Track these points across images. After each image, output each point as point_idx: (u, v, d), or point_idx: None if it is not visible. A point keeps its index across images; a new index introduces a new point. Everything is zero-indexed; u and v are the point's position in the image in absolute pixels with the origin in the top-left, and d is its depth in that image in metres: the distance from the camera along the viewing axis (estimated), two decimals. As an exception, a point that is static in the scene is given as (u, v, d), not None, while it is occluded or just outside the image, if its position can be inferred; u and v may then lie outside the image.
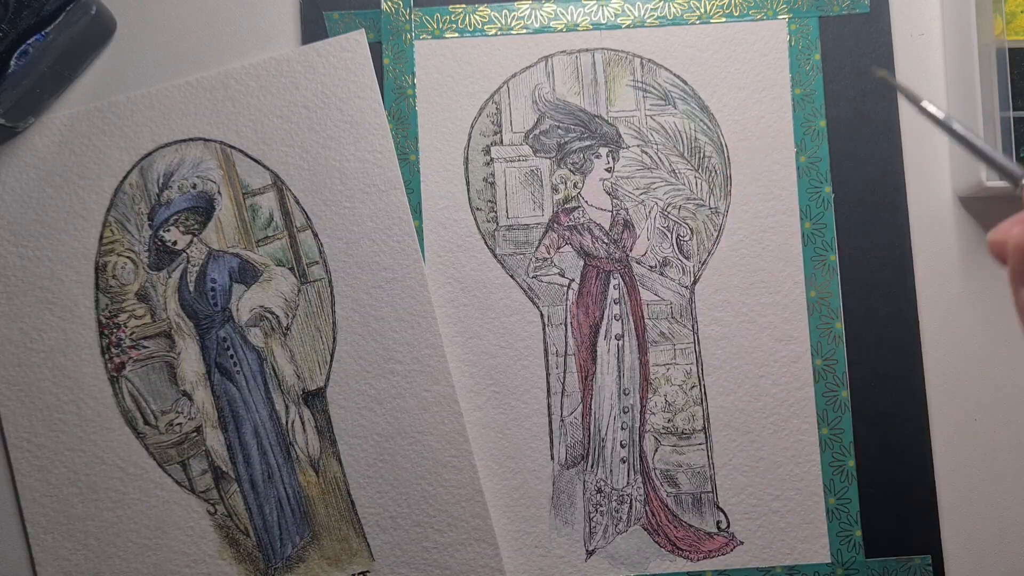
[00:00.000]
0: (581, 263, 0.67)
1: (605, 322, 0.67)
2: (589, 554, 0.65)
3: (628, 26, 0.68)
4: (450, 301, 0.66)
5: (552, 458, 0.66)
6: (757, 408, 0.66)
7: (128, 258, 0.66)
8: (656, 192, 0.67)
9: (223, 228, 0.67)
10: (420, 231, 0.67)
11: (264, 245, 0.66)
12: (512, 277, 0.67)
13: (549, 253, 0.67)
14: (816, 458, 0.65)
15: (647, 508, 0.65)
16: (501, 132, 0.68)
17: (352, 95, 0.67)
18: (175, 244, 0.67)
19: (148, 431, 0.66)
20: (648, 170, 0.67)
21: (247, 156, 0.67)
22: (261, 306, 0.66)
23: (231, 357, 0.66)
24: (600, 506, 0.65)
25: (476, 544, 0.64)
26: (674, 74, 0.68)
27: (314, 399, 0.65)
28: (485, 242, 0.67)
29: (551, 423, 0.66)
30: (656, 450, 0.66)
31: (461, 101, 0.68)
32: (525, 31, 0.68)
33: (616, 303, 0.67)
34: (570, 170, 0.67)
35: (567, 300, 0.67)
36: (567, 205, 0.67)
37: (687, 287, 0.67)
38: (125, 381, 0.66)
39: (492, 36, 0.68)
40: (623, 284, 0.67)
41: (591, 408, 0.66)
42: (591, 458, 0.66)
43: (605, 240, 0.67)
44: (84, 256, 0.66)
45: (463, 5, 0.68)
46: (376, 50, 0.68)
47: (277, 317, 0.66)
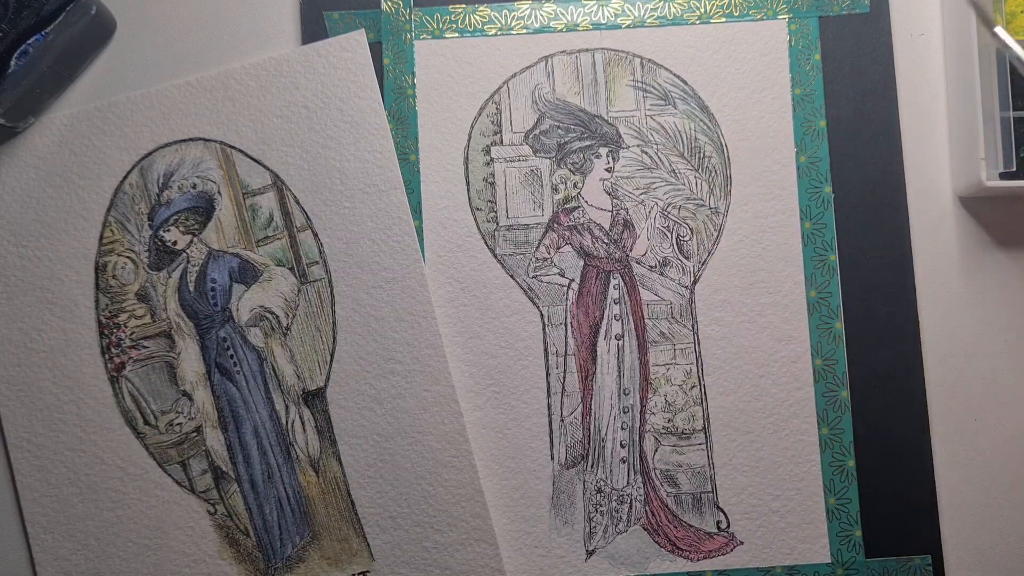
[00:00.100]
0: (581, 263, 0.67)
1: (605, 322, 0.67)
2: (589, 554, 0.65)
3: (628, 26, 0.68)
4: (450, 301, 0.66)
5: (552, 458, 0.66)
6: (757, 408, 0.66)
7: (128, 258, 0.66)
8: (656, 192, 0.67)
9: (223, 228, 0.67)
10: (420, 231, 0.67)
11: (264, 245, 0.66)
12: (512, 277, 0.67)
13: (549, 253, 0.67)
14: (816, 458, 0.65)
15: (647, 508, 0.65)
16: (501, 132, 0.68)
17: (352, 95, 0.67)
18: (175, 244, 0.67)
19: (148, 431, 0.66)
20: (648, 170, 0.67)
21: (247, 156, 0.67)
22: (261, 306, 0.66)
23: (231, 357, 0.66)
24: (600, 506, 0.65)
25: (476, 544, 0.64)
26: (674, 74, 0.68)
27: (314, 399, 0.65)
28: (485, 242, 0.67)
29: (551, 423, 0.66)
30: (656, 450, 0.66)
31: (461, 101, 0.68)
32: (525, 31, 0.68)
33: (616, 303, 0.67)
34: (570, 170, 0.67)
35: (567, 300, 0.67)
36: (567, 205, 0.67)
37: (687, 287, 0.67)
38: (125, 381, 0.66)
39: (492, 36, 0.68)
40: (623, 284, 0.67)
41: (591, 408, 0.66)
42: (591, 458, 0.66)
43: (605, 240, 0.67)
44: (84, 256, 0.66)
45: (463, 5, 0.68)
46: (376, 50, 0.68)
47: (277, 317, 0.66)
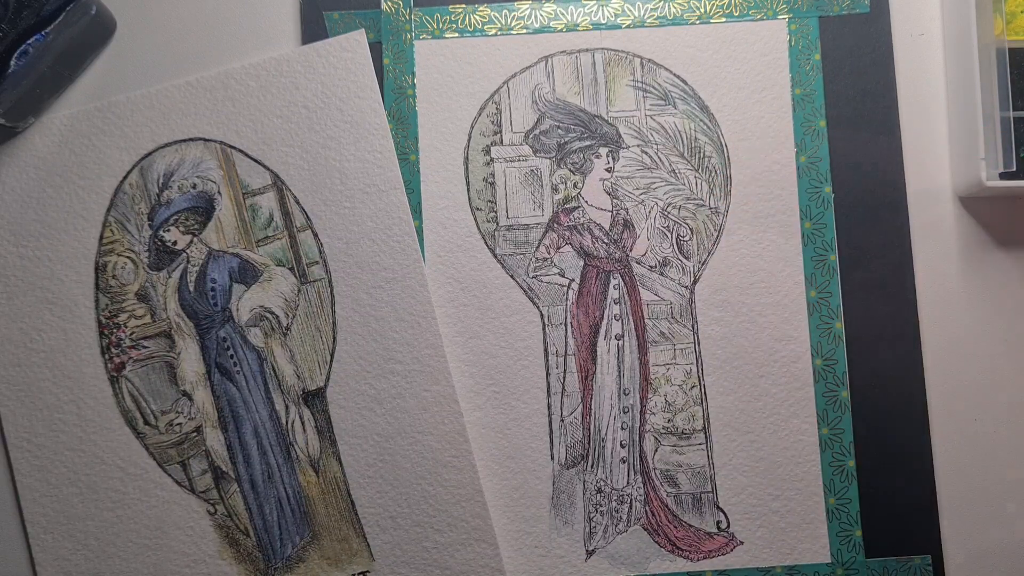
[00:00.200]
0: (581, 263, 0.67)
1: (605, 322, 0.67)
2: (589, 554, 0.65)
3: (628, 26, 0.68)
4: (450, 301, 0.66)
5: (552, 458, 0.66)
6: (757, 408, 0.66)
7: (128, 258, 0.66)
8: (656, 192, 0.67)
9: (223, 228, 0.67)
10: (420, 231, 0.67)
11: (264, 245, 0.66)
12: (512, 277, 0.67)
13: (549, 253, 0.67)
14: (816, 458, 0.65)
15: (647, 508, 0.65)
16: (501, 132, 0.68)
17: (352, 95, 0.67)
18: (175, 244, 0.67)
19: (148, 431, 0.66)
20: (648, 170, 0.67)
21: (247, 156, 0.67)
22: (261, 306, 0.66)
23: (231, 357, 0.66)
24: (600, 506, 0.65)
25: (476, 544, 0.64)
26: (674, 74, 0.68)
27: (314, 399, 0.65)
28: (485, 242, 0.67)
29: (551, 423, 0.66)
30: (656, 450, 0.66)
31: (461, 101, 0.68)
32: (525, 31, 0.68)
33: (616, 303, 0.67)
34: (570, 170, 0.67)
35: (567, 300, 0.67)
36: (567, 205, 0.67)
37: (687, 287, 0.67)
38: (125, 381, 0.66)
39: (492, 36, 0.68)
40: (623, 284, 0.67)
41: (591, 408, 0.66)
42: (591, 458, 0.66)
43: (605, 240, 0.67)
44: (84, 256, 0.66)
45: (463, 5, 0.68)
46: (376, 50, 0.68)
47: (277, 317, 0.66)
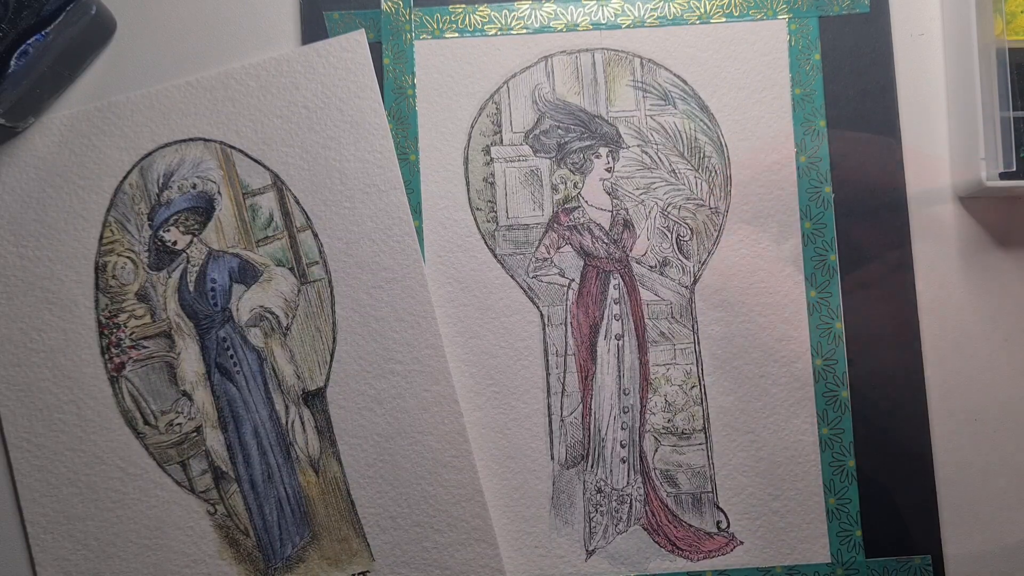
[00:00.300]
0: (581, 263, 0.67)
1: (605, 322, 0.67)
2: (589, 554, 0.65)
3: (628, 26, 0.68)
4: (450, 301, 0.66)
5: (552, 458, 0.66)
6: (757, 408, 0.66)
7: (128, 258, 0.66)
8: (656, 192, 0.67)
9: (223, 228, 0.67)
10: (420, 231, 0.67)
11: (264, 245, 0.66)
12: (512, 277, 0.67)
13: (549, 253, 0.67)
14: (816, 458, 0.65)
15: (647, 508, 0.65)
16: (501, 132, 0.68)
17: (352, 95, 0.67)
18: (175, 244, 0.67)
19: (148, 431, 0.66)
20: (648, 170, 0.67)
21: (247, 156, 0.67)
22: (261, 306, 0.66)
23: (231, 357, 0.66)
24: (600, 506, 0.65)
25: (476, 544, 0.64)
26: (674, 74, 0.68)
27: (314, 399, 0.65)
28: (485, 242, 0.67)
29: (551, 423, 0.66)
30: (656, 450, 0.66)
31: (461, 101, 0.68)
32: (525, 31, 0.68)
33: (616, 303, 0.67)
34: (570, 170, 0.67)
35: (567, 300, 0.67)
36: (567, 205, 0.67)
37: (687, 287, 0.67)
38: (125, 381, 0.66)
39: (492, 36, 0.68)
40: (623, 284, 0.67)
41: (591, 408, 0.66)
42: (591, 458, 0.66)
43: (605, 240, 0.67)
44: (84, 256, 0.66)
45: (463, 5, 0.68)
46: (376, 50, 0.68)
47: (277, 317, 0.66)
